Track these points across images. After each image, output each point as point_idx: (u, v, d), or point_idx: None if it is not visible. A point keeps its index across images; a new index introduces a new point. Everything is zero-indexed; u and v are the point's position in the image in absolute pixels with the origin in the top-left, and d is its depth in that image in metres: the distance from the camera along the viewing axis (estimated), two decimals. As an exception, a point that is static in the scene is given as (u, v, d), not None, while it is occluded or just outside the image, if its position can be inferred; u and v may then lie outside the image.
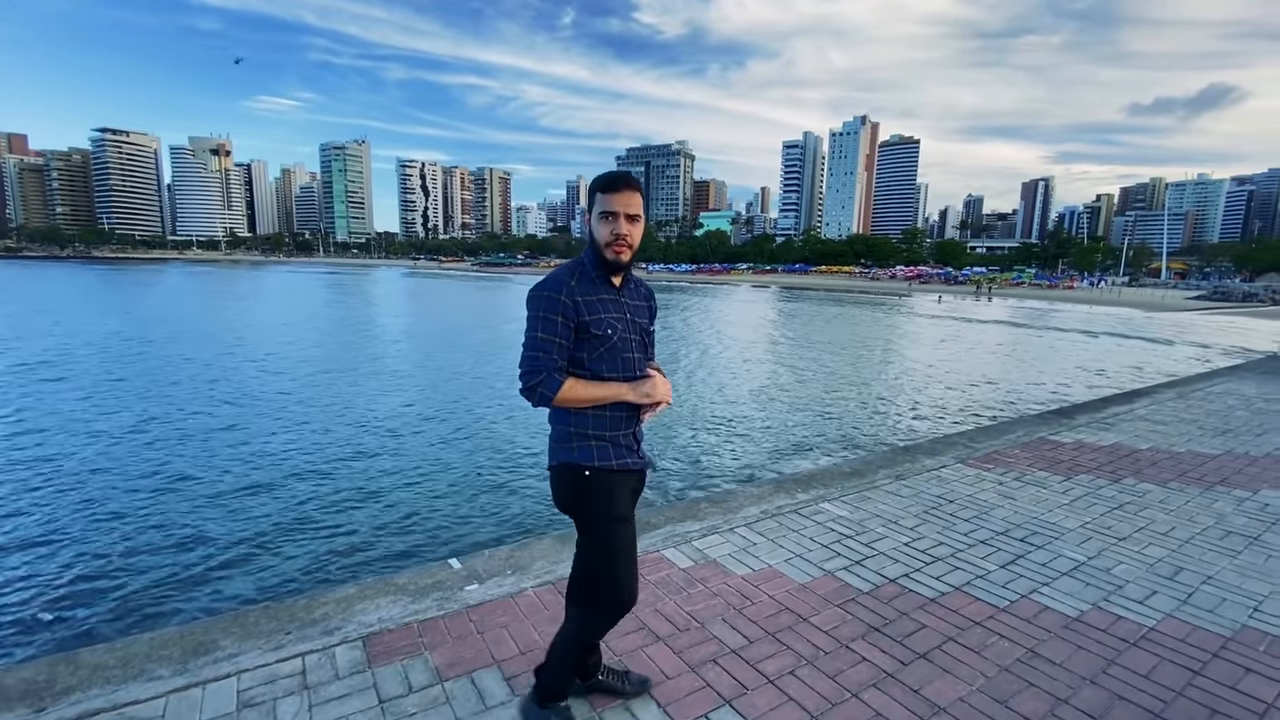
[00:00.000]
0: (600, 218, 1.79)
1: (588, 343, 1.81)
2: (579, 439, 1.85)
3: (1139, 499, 4.19)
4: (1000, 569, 3.16)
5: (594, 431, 1.85)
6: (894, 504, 4.01)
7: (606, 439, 1.87)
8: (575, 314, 1.78)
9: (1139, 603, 2.86)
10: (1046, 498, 4.17)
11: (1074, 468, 4.82)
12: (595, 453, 1.85)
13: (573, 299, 1.78)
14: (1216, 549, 3.44)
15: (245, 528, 6.25)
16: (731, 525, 3.62)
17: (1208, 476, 4.68)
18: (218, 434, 9.59)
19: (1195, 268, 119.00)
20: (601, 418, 1.85)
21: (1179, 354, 21.92)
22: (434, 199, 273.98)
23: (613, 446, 1.87)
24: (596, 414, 1.85)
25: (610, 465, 1.86)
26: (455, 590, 2.86)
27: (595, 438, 1.85)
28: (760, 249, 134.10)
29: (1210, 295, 65.35)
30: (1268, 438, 5.83)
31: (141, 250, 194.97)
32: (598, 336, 1.81)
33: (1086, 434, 5.83)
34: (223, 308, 34.31)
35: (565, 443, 1.87)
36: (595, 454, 1.85)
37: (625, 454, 1.90)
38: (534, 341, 1.77)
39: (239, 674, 2.27)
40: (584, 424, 1.85)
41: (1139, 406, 7.08)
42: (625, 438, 1.91)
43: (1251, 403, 7.40)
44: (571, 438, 1.86)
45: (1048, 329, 31.36)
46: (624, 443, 1.90)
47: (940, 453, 5.14)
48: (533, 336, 1.78)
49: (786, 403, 12.88)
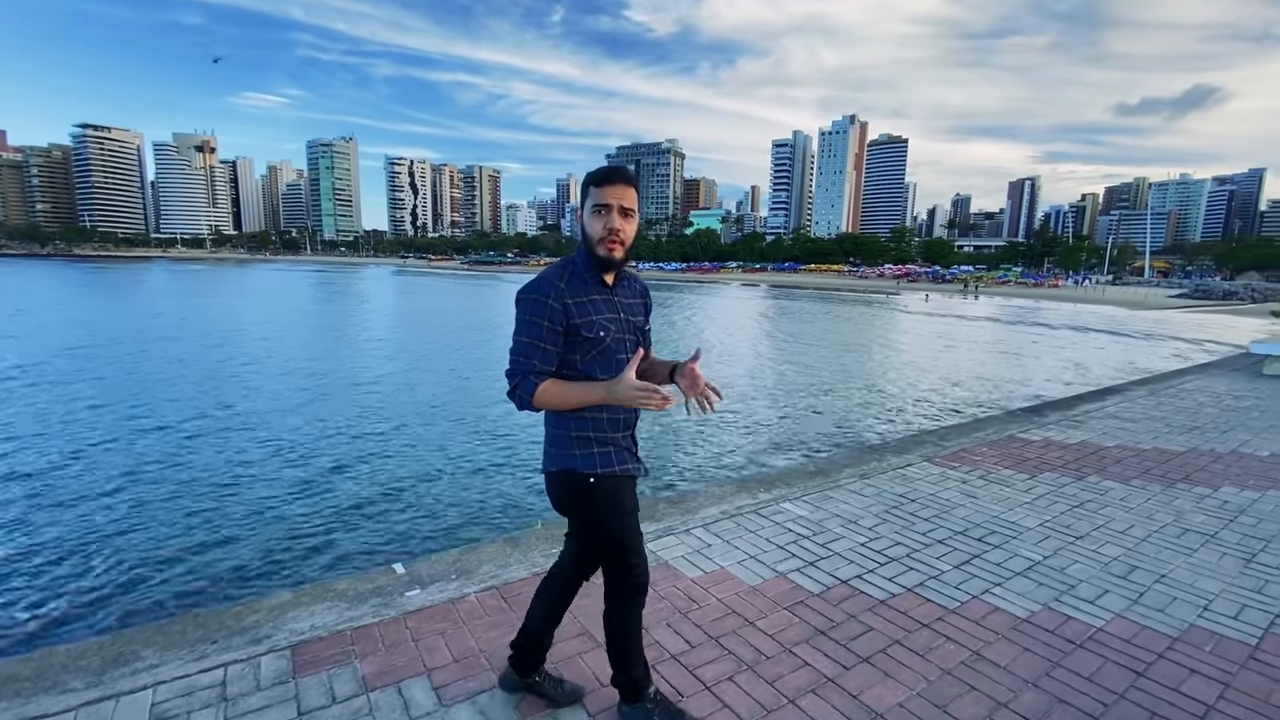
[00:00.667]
0: (593, 212, 1.72)
1: (580, 345, 1.75)
2: (581, 444, 1.79)
3: (1100, 497, 4.18)
4: (954, 569, 3.12)
5: (595, 434, 1.79)
6: (856, 503, 3.97)
7: (609, 442, 1.81)
8: (564, 317, 1.71)
9: (1090, 603, 2.83)
10: (1009, 496, 4.15)
11: (1040, 466, 4.81)
12: (599, 459, 1.79)
13: (561, 301, 1.71)
14: (1172, 547, 3.43)
15: (212, 526, 6.12)
16: (688, 526, 3.56)
17: (1171, 474, 4.68)
18: (211, 437, 9.42)
19: (1178, 266, 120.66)
20: (601, 420, 1.79)
21: (1160, 350, 22.16)
22: (423, 197, 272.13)
23: (614, 450, 1.82)
24: (596, 416, 1.78)
25: (614, 471, 1.81)
26: (395, 596, 2.79)
27: (598, 441, 1.80)
28: (750, 247, 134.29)
29: (1192, 293, 66.21)
30: (1232, 434, 5.85)
31: (124, 249, 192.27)
32: (590, 339, 1.74)
33: (1056, 431, 5.83)
34: (212, 306, 33.89)
35: (566, 448, 1.80)
36: (598, 460, 1.79)
37: (627, 458, 1.85)
38: (518, 345, 1.73)
39: (156, 685, 2.18)
40: (585, 427, 1.78)
41: (1110, 404, 7.11)
42: (625, 439, 1.86)
43: (1221, 399, 7.45)
44: (573, 442, 1.79)
45: (1034, 326, 31.62)
46: (624, 445, 1.85)
47: (908, 451, 5.11)
48: (517, 340, 1.73)
49: (769, 400, 12.86)
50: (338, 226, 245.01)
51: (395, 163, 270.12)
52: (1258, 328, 20.65)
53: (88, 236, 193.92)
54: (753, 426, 10.63)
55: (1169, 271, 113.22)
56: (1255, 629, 2.64)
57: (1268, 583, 3.04)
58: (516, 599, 2.77)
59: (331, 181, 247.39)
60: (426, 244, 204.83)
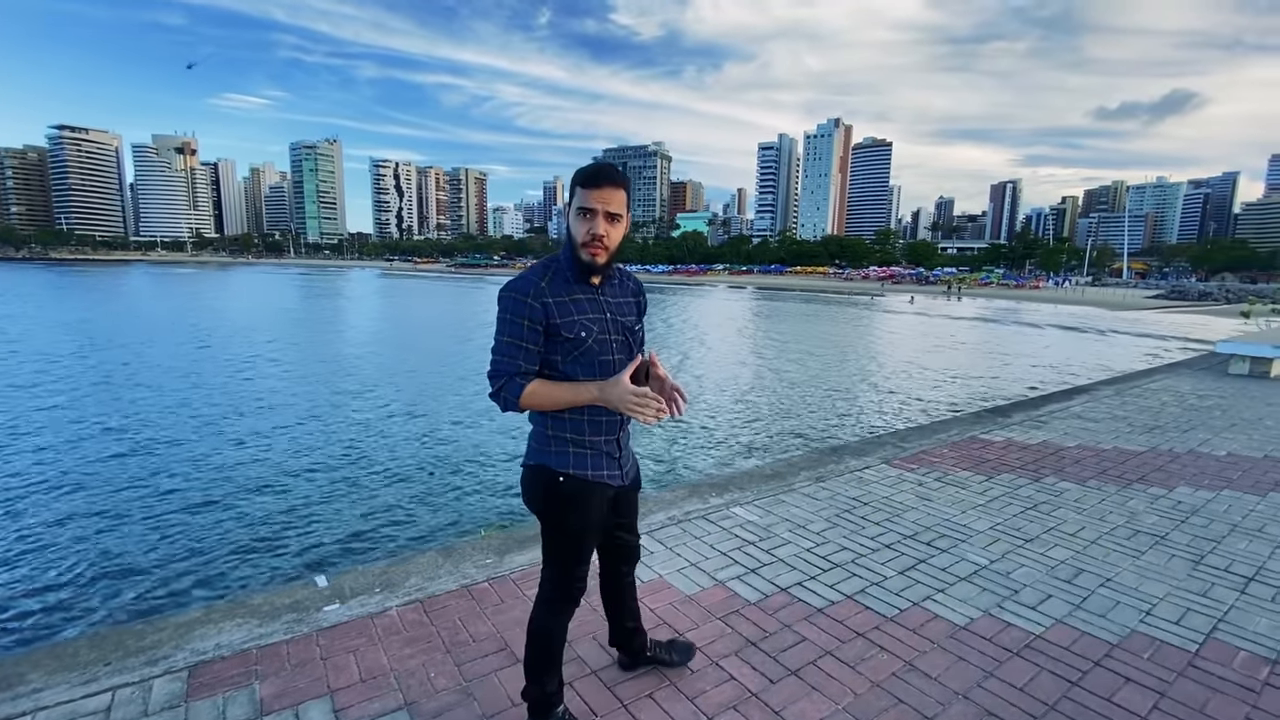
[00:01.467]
0: (578, 214, 1.65)
1: (560, 345, 1.69)
2: (557, 442, 1.75)
3: (1055, 498, 4.13)
4: (898, 575, 3.05)
5: (573, 435, 1.74)
6: (808, 507, 3.89)
7: (586, 444, 1.76)
8: (544, 315, 1.65)
9: (1031, 608, 2.76)
10: (963, 499, 4.09)
11: (998, 467, 4.76)
12: (572, 459, 1.75)
13: (541, 300, 1.65)
14: (1121, 549, 3.39)
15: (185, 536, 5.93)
16: (633, 533, 3.45)
17: (1128, 474, 4.65)
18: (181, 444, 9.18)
19: (1155, 268, 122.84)
20: (580, 421, 1.73)
21: (1140, 348, 22.45)
22: (408, 199, 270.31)
23: (591, 454, 1.76)
24: (574, 416, 1.73)
25: (586, 475, 1.76)
26: (312, 611, 2.65)
27: (575, 442, 1.75)
28: (737, 250, 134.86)
29: (1168, 294, 67.38)
30: (1192, 434, 5.86)
31: (102, 252, 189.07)
32: (569, 339, 1.68)
33: (1018, 432, 5.80)
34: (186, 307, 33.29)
35: (543, 445, 1.77)
36: (572, 460, 1.75)
37: (605, 463, 1.79)
38: (499, 345, 1.67)
39: (36, 711, 2.04)
40: (562, 426, 1.74)
41: (1076, 403, 7.11)
42: (608, 444, 1.79)
43: (1184, 399, 7.48)
44: (550, 440, 1.76)
45: (1014, 325, 31.95)
46: (605, 449, 1.79)
47: (867, 453, 5.05)
48: (499, 340, 1.68)
49: (750, 401, 12.82)
50: (322, 229, 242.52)
51: (380, 165, 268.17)
52: (1230, 327, 20.98)
53: (64, 239, 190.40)
54: (734, 428, 10.57)
55: (1147, 273, 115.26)
56: (1196, 635, 2.58)
57: (1213, 586, 2.99)
58: (440, 613, 2.65)
59: (315, 184, 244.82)
60: (412, 246, 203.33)
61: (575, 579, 1.86)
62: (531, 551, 3.21)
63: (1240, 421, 6.39)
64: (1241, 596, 2.89)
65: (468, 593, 2.83)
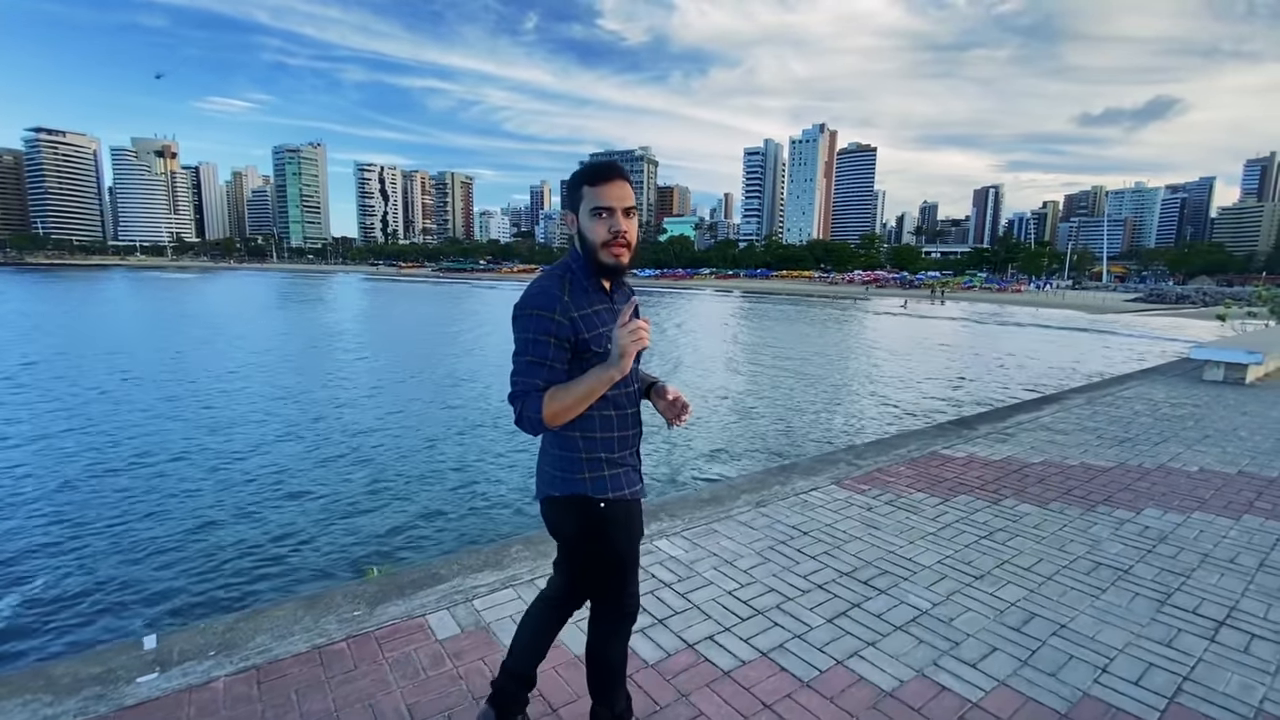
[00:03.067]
0: (593, 215, 1.55)
1: (588, 362, 1.58)
2: (592, 465, 1.65)
3: (1014, 523, 3.78)
4: (826, 623, 2.67)
5: (605, 454, 1.66)
6: (741, 538, 3.50)
7: (617, 464, 1.68)
8: (572, 332, 1.55)
9: (972, 666, 2.39)
10: (913, 526, 3.73)
11: (956, 487, 4.41)
12: (609, 481, 1.66)
13: (568, 315, 1.55)
14: (1080, 586, 3.03)
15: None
16: (537, 575, 3.05)
17: (1093, 494, 4.32)
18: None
19: (1134, 271, 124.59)
20: (610, 439, 1.67)
21: (1115, 353, 22.43)
22: (394, 203, 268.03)
23: (624, 472, 1.70)
24: (605, 435, 1.66)
25: (624, 495, 1.68)
26: (121, 684, 2.22)
27: (609, 463, 1.67)
28: (723, 254, 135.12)
29: (1147, 297, 68.20)
30: (1164, 447, 5.56)
31: (80, 256, 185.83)
32: (599, 354, 1.57)
33: (982, 446, 5.47)
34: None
35: (575, 471, 1.65)
36: (609, 483, 1.66)
37: (636, 479, 1.74)
38: (522, 366, 1.56)
39: None
40: (594, 447, 1.65)
41: (1045, 414, 6.80)
42: (633, 458, 1.74)
43: (1157, 408, 7.20)
44: (584, 465, 1.65)
45: (995, 328, 31.95)
46: (632, 464, 1.74)
47: (818, 471, 4.69)
48: (521, 361, 1.56)
49: (730, 407, 12.46)
50: (305, 234, 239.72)
51: (365, 169, 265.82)
52: (1206, 330, 20.98)
53: (40, 244, 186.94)
54: (695, 439, 10.18)
55: (1126, 276, 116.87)
56: (1158, 699, 2.22)
57: (1179, 633, 2.64)
58: (274, 684, 2.23)
59: (299, 188, 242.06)
60: (397, 251, 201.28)
61: (631, 597, 1.79)
62: (411, 599, 2.80)
63: (1214, 433, 6.11)
64: (1210, 647, 2.55)
65: (318, 655, 2.41)
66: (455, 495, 7.66)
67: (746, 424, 11.44)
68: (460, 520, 6.93)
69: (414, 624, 2.62)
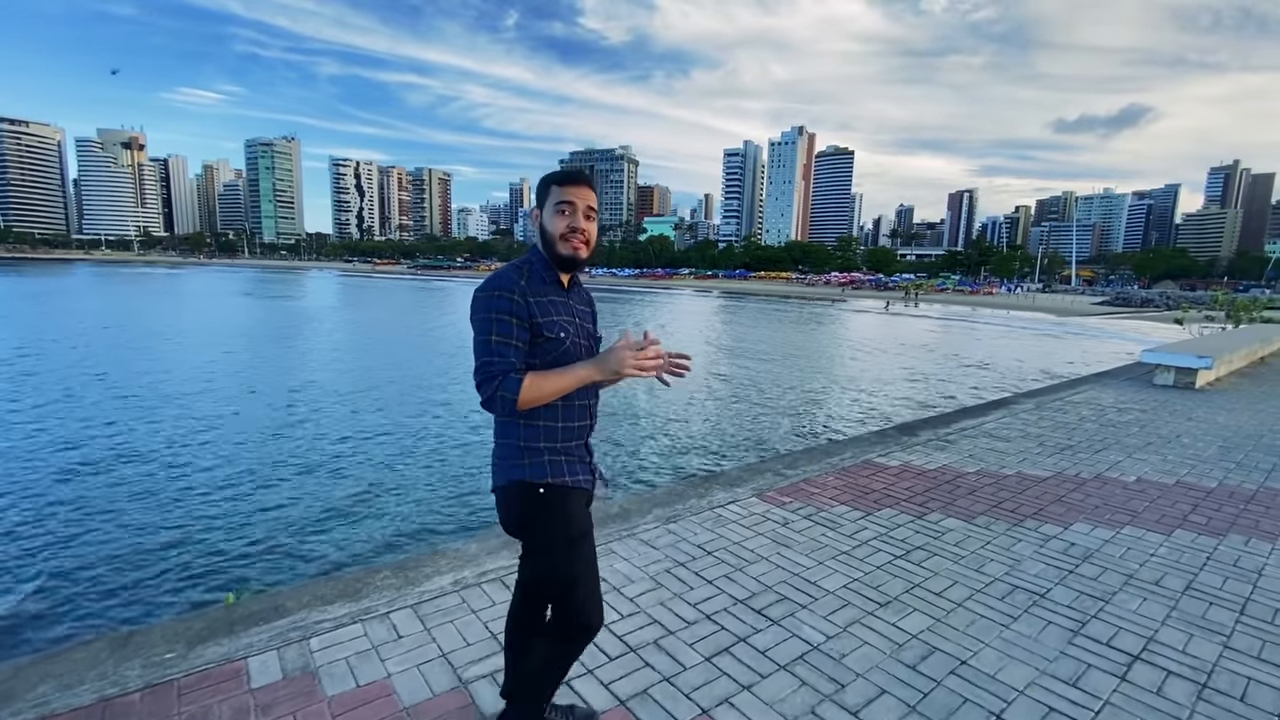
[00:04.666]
0: (555, 210, 1.63)
1: (540, 347, 1.60)
2: (530, 453, 1.64)
3: (934, 540, 3.56)
4: (704, 662, 2.39)
5: (546, 443, 1.65)
6: (637, 560, 3.22)
7: (559, 451, 1.67)
8: (528, 313, 1.57)
9: (853, 715, 2.13)
10: (827, 544, 3.48)
11: (882, 499, 4.18)
12: (549, 468, 1.65)
13: (525, 298, 1.58)
14: (991, 614, 2.80)
15: None
16: (395, 606, 2.73)
17: (1024, 507, 4.12)
18: None
19: (1101, 275, 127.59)
20: (553, 428, 1.65)
21: (1077, 355, 22.69)
22: (370, 199, 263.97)
23: (566, 460, 1.68)
24: (548, 425, 1.65)
25: (565, 481, 1.66)
26: None
27: (549, 450, 1.65)
28: (703, 254, 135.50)
29: (1113, 301, 69.72)
30: (1104, 454, 5.41)
31: (42, 250, 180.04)
32: (550, 339, 1.60)
33: (919, 454, 5.26)
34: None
35: (515, 459, 1.65)
36: (549, 469, 1.64)
37: (580, 469, 1.71)
38: (486, 345, 1.55)
39: None
40: (535, 436, 1.64)
41: (990, 420, 6.64)
42: (579, 449, 1.72)
43: (1104, 413, 7.10)
44: (523, 452, 1.64)
45: (964, 328, 32.24)
46: (577, 454, 1.71)
47: (741, 482, 4.43)
48: (484, 340, 1.55)
49: (700, 411, 12.20)
50: (279, 229, 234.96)
51: (341, 164, 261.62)
52: (1169, 333, 21.30)
53: (1, 237, 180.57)
54: (639, 444, 9.89)
55: (1094, 280, 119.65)
56: (1051, 751, 1.98)
57: (1088, 670, 2.41)
58: (27, 752, 1.88)
59: (272, 182, 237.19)
60: (373, 247, 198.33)
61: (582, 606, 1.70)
62: (239, 638, 2.46)
63: (1156, 439, 5.99)
64: (1120, 687, 2.32)
65: (102, 710, 2.06)
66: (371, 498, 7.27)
67: (708, 425, 11.20)
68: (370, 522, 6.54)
69: (231, 668, 2.28)
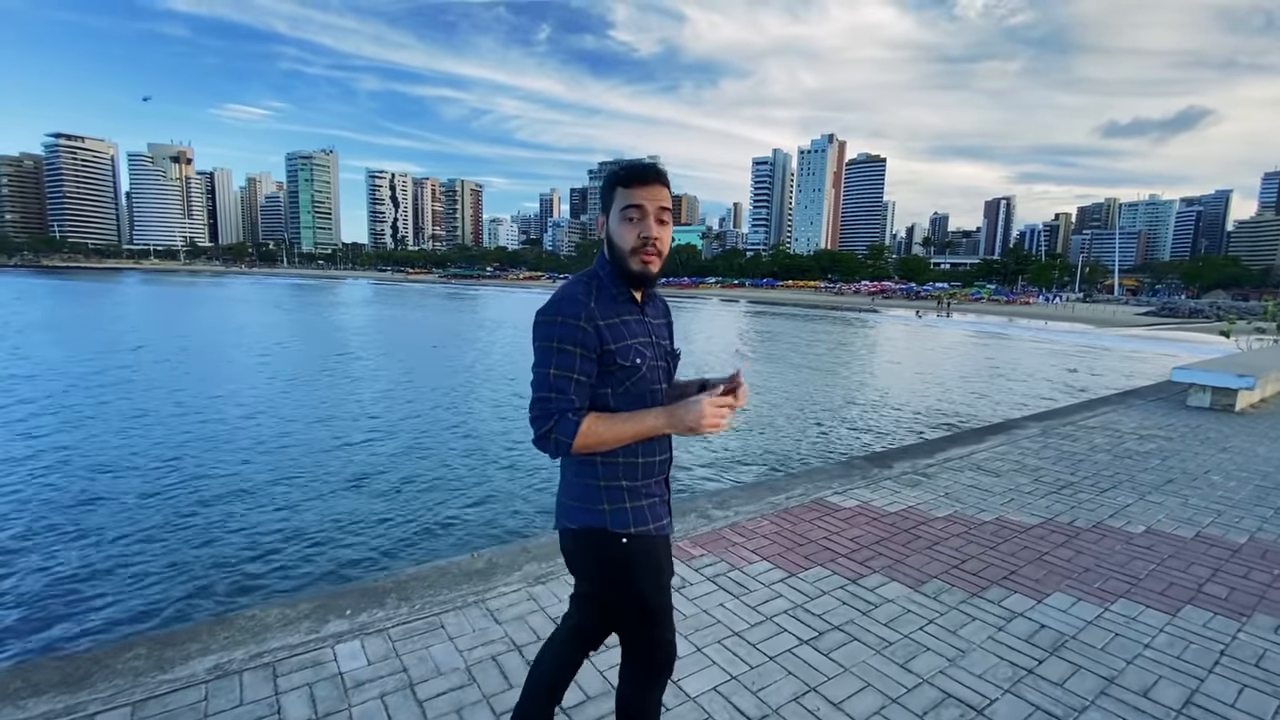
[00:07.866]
0: (623, 218, 1.40)
1: (613, 376, 1.42)
2: (611, 495, 1.44)
3: (862, 616, 2.79)
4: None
5: (628, 483, 1.45)
6: (466, 642, 2.53)
7: (642, 493, 1.47)
8: (598, 342, 1.38)
9: None
10: (719, 620, 2.74)
11: (817, 554, 3.42)
12: (632, 514, 1.45)
13: (593, 323, 1.38)
14: (902, 741, 2.04)
15: None
16: (177, 686, 2.11)
17: (991, 568, 3.31)
18: None
19: (1146, 284, 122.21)
20: (634, 466, 1.45)
21: (1120, 368, 21.17)
22: (404, 210, 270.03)
23: (649, 504, 1.49)
24: (628, 460, 1.44)
25: (649, 530, 1.48)
26: None
27: (630, 492, 1.46)
28: (730, 263, 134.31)
29: (1159, 311, 66.36)
30: (1112, 495, 4.52)
31: (94, 259, 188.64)
32: (625, 368, 1.41)
33: (884, 492, 4.46)
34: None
35: (593, 501, 1.45)
36: (632, 516, 1.45)
37: (663, 513, 1.53)
38: (545, 380, 1.37)
39: None
40: (614, 474, 1.44)
41: (985, 447, 5.77)
42: (659, 488, 1.53)
43: (1122, 441, 6.14)
44: (602, 493, 1.44)
45: (1004, 340, 30.69)
46: (659, 495, 1.53)
47: (652, 529, 3.71)
48: (543, 374, 1.37)
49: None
50: (316, 239, 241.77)
51: (376, 176, 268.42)
52: (1218, 346, 19.72)
53: (56, 247, 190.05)
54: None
55: (1138, 289, 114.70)
56: None
57: None
58: None
59: (311, 194, 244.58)
60: (406, 257, 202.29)
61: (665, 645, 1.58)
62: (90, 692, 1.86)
63: (1180, 476, 5.06)
64: None
65: None
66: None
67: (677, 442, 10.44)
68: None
69: None
